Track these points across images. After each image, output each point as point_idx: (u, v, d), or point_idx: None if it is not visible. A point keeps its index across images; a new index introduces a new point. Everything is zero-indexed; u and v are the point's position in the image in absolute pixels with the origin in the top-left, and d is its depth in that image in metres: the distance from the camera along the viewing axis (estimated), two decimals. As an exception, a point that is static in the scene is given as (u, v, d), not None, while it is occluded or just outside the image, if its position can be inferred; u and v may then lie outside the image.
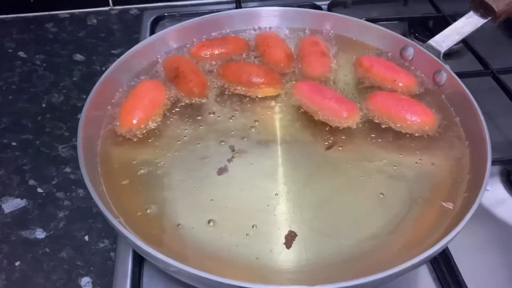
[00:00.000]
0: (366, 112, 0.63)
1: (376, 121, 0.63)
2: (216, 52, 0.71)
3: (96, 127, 0.60)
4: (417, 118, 0.60)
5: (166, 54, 0.72)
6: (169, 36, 0.73)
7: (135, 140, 0.60)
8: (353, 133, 0.62)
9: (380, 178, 0.57)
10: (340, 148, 0.60)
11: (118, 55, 0.90)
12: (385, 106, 0.62)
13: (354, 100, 0.65)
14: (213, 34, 0.76)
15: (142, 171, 0.57)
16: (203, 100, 0.65)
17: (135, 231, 0.49)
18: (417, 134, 0.61)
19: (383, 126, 0.62)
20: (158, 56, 0.71)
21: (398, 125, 0.61)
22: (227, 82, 0.67)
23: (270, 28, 0.77)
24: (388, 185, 0.56)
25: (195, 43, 0.73)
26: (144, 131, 0.61)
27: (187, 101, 0.65)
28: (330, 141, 0.61)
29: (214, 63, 0.71)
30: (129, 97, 0.63)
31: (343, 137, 0.61)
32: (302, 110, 0.65)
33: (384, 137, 0.61)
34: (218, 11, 0.88)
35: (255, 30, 0.77)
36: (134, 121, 0.60)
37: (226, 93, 0.67)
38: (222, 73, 0.68)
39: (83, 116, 0.58)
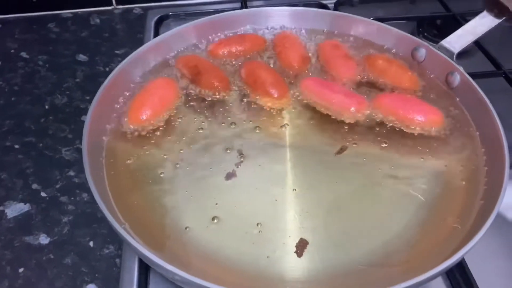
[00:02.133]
0: (374, 113, 0.62)
1: (385, 123, 0.61)
2: (234, 50, 0.70)
3: (103, 125, 0.59)
4: (424, 117, 0.59)
5: (177, 52, 0.71)
6: (182, 34, 0.72)
7: (142, 137, 0.59)
8: (363, 136, 0.60)
9: (392, 183, 0.55)
10: (350, 152, 0.59)
11: (122, 55, 0.90)
12: (392, 106, 0.61)
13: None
14: (226, 33, 0.75)
15: (149, 174, 0.56)
16: (226, 96, 0.65)
17: (139, 235, 0.48)
18: (426, 134, 0.59)
19: (394, 129, 0.61)
20: (168, 54, 0.71)
21: (406, 126, 0.60)
22: (242, 80, 0.67)
23: (282, 27, 0.76)
24: (400, 191, 0.54)
25: (209, 42, 0.73)
26: (153, 129, 0.60)
27: (210, 98, 0.65)
28: (340, 145, 0.59)
29: (233, 61, 0.70)
30: (140, 93, 0.63)
31: (354, 141, 0.60)
32: (312, 113, 0.63)
33: (395, 140, 0.60)
34: (223, 10, 0.87)
35: (268, 29, 0.76)
36: (143, 117, 0.60)
37: (238, 93, 0.66)
38: (241, 69, 0.68)
39: (90, 114, 0.57)
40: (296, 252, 0.48)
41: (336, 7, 0.94)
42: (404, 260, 0.48)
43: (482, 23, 0.67)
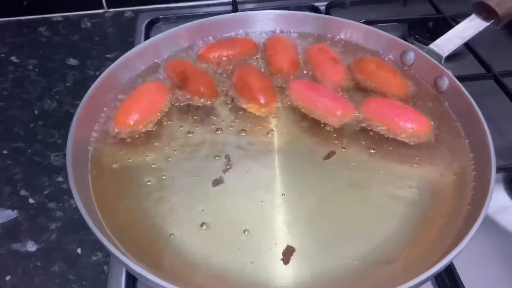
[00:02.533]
0: (362, 118, 0.61)
1: (372, 128, 0.61)
2: (224, 54, 0.70)
3: (89, 131, 0.60)
4: (411, 125, 0.59)
5: (167, 56, 0.72)
6: (172, 37, 0.72)
7: (129, 142, 0.60)
8: (352, 141, 0.60)
9: (380, 189, 0.55)
10: (339, 157, 0.58)
11: (113, 59, 0.89)
12: (379, 112, 0.61)
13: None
14: (216, 36, 0.75)
15: (135, 180, 0.56)
16: (214, 101, 0.65)
17: (125, 244, 0.47)
18: (412, 143, 0.59)
19: (382, 135, 0.60)
20: (158, 58, 0.71)
21: (393, 132, 0.60)
22: (231, 85, 0.66)
23: (273, 31, 0.76)
24: (388, 196, 0.54)
25: (199, 45, 0.73)
26: (140, 134, 0.60)
27: (197, 104, 0.64)
28: (329, 150, 0.59)
29: (224, 66, 0.70)
30: (129, 97, 0.63)
31: (342, 145, 0.60)
32: (300, 118, 0.63)
33: (384, 145, 0.60)
34: (214, 13, 0.86)
35: (258, 33, 0.76)
36: (130, 122, 0.60)
37: (228, 99, 0.66)
38: (232, 75, 0.67)
39: (75, 119, 0.57)
40: (282, 259, 0.48)
41: (327, 10, 0.94)
42: (392, 266, 0.48)
43: (470, 26, 0.67)
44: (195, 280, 0.46)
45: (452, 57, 0.81)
